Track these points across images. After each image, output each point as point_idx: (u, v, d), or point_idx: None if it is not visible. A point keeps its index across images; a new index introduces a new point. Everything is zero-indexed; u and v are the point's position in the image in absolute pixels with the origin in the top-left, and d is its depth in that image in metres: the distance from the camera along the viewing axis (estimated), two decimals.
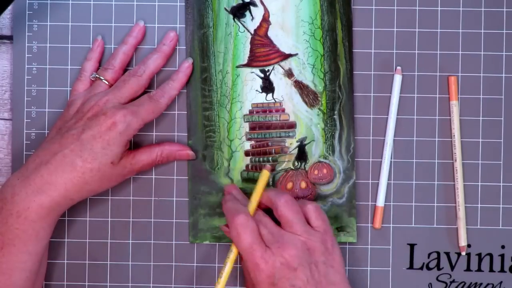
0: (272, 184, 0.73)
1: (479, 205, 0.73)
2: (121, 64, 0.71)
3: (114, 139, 0.65)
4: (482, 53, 0.73)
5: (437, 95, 0.73)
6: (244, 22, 0.73)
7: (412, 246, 0.73)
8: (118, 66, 0.71)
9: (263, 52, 0.73)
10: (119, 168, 0.67)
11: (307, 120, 0.73)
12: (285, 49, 0.73)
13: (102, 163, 0.65)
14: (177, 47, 0.73)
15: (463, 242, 0.72)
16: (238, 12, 0.73)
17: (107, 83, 0.70)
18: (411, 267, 0.73)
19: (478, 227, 0.73)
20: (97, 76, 0.70)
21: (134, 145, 0.73)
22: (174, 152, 0.71)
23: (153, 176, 0.73)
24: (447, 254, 0.73)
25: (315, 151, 0.73)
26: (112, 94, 0.67)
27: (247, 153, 0.73)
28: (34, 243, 0.64)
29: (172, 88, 0.70)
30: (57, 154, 0.64)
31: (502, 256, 0.73)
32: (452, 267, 0.73)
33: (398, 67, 0.73)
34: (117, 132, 0.65)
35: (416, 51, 0.73)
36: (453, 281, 0.73)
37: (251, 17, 0.73)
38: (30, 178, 0.64)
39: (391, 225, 0.73)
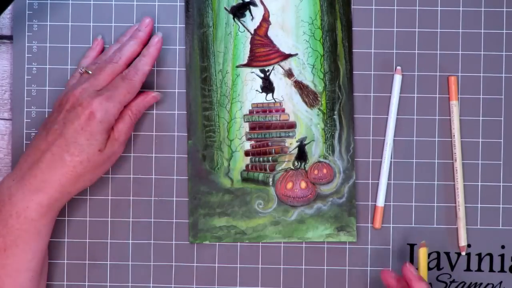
0: (272, 184, 0.73)
1: (479, 205, 0.73)
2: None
3: (96, 128, 0.64)
4: (482, 53, 0.73)
5: (437, 95, 0.73)
6: (244, 21, 0.73)
7: (412, 246, 0.73)
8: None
9: (263, 52, 0.73)
10: (108, 151, 0.66)
11: (307, 120, 0.73)
12: (285, 49, 0.73)
13: (90, 153, 0.65)
14: (177, 47, 0.73)
15: (463, 242, 0.72)
16: (238, 11, 0.73)
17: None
18: None
19: (478, 227, 0.73)
20: (85, 70, 0.69)
21: (134, 143, 0.73)
22: (140, 104, 0.70)
23: (153, 176, 0.73)
24: (447, 254, 0.73)
25: (315, 151, 0.73)
26: (87, 83, 0.67)
27: (247, 153, 0.73)
28: (37, 242, 0.65)
29: (144, 63, 0.69)
30: (45, 152, 0.64)
31: (502, 256, 0.73)
32: (452, 267, 0.73)
33: (398, 67, 0.73)
34: (97, 121, 0.64)
35: (416, 51, 0.73)
36: (453, 281, 0.73)
37: (251, 16, 0.73)
38: (25, 178, 0.64)
39: (391, 225, 0.73)
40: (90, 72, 0.69)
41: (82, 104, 0.65)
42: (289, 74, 0.73)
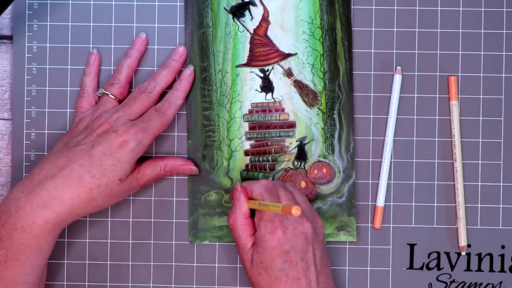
0: None
1: (479, 205, 0.73)
2: (127, 78, 0.71)
3: (125, 157, 0.65)
4: (482, 53, 0.73)
5: (437, 95, 0.73)
6: (243, 21, 0.73)
7: (412, 246, 0.73)
8: (124, 80, 0.71)
9: (263, 51, 0.73)
10: (126, 184, 0.66)
11: (306, 120, 0.73)
12: (284, 48, 0.73)
13: (110, 179, 0.64)
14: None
15: (463, 242, 0.72)
16: (238, 11, 0.73)
17: (114, 98, 0.70)
18: (411, 267, 0.73)
19: (478, 227, 0.73)
20: (104, 91, 0.70)
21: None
22: (177, 167, 0.71)
23: None
24: (447, 254, 0.73)
25: (315, 151, 0.73)
26: (122, 111, 0.67)
27: (246, 153, 0.73)
28: (38, 257, 0.64)
29: (177, 98, 0.70)
30: (64, 169, 0.64)
31: (502, 256, 0.73)
32: (452, 267, 0.73)
33: (398, 67, 0.73)
34: (128, 149, 0.65)
35: (416, 51, 0.73)
36: (453, 281, 0.73)
37: (250, 16, 0.73)
38: (35, 191, 0.63)
39: (391, 225, 0.73)
40: (109, 94, 0.70)
41: (117, 131, 0.65)
42: (288, 73, 0.73)
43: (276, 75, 0.73)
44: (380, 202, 0.72)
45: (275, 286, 0.63)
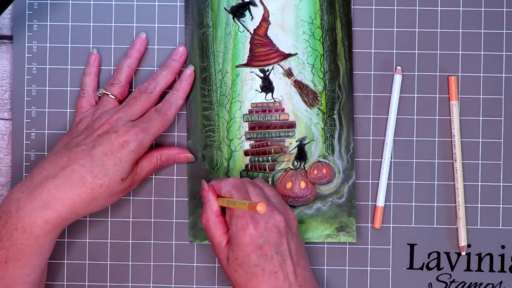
0: (271, 184, 0.73)
1: (479, 205, 0.73)
2: (127, 78, 0.71)
3: (126, 157, 0.65)
4: (482, 53, 0.73)
5: (437, 95, 0.73)
6: (243, 21, 0.73)
7: (412, 246, 0.73)
8: (124, 81, 0.71)
9: (263, 51, 0.73)
10: (127, 182, 0.66)
11: (306, 120, 0.73)
12: (284, 48, 0.73)
13: (112, 179, 0.64)
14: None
15: (463, 242, 0.72)
16: (238, 11, 0.73)
17: (114, 98, 0.70)
18: (411, 267, 0.73)
19: (478, 227, 0.73)
20: (104, 91, 0.70)
21: None
22: (173, 156, 0.71)
23: (153, 176, 0.73)
24: (447, 254, 0.73)
25: (315, 151, 0.73)
26: (123, 112, 0.67)
27: (246, 153, 0.73)
28: (38, 257, 0.64)
29: (178, 98, 0.70)
30: (65, 169, 0.64)
31: (502, 256, 0.73)
32: (452, 267, 0.73)
33: (398, 67, 0.73)
34: (129, 150, 0.65)
35: (416, 51, 0.73)
36: (453, 281, 0.73)
37: (250, 16, 0.73)
38: (36, 192, 0.63)
39: (391, 225, 0.73)
40: (109, 94, 0.70)
41: (117, 132, 0.65)
42: (288, 73, 0.73)
43: (276, 75, 0.73)
44: (380, 202, 0.72)
45: (252, 282, 0.63)
